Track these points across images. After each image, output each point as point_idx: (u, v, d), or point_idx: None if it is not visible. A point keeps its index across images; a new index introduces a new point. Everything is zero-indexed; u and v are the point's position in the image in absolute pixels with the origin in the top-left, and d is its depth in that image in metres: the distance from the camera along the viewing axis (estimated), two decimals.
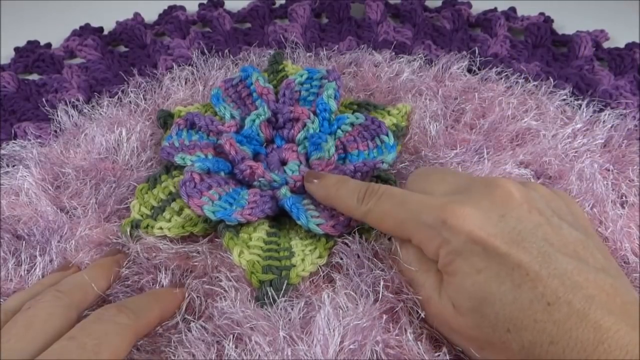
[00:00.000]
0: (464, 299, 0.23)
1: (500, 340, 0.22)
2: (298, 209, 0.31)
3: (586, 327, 0.20)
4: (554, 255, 0.22)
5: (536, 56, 0.49)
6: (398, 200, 0.27)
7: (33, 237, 0.32)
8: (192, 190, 0.31)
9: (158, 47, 0.49)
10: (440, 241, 0.24)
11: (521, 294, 0.22)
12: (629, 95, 0.43)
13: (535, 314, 0.21)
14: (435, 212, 0.24)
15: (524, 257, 0.22)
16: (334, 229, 0.30)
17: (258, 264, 0.29)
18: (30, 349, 0.22)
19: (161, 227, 0.31)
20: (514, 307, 0.22)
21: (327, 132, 0.36)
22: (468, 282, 0.23)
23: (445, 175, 0.28)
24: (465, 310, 0.23)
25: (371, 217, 0.28)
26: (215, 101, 0.39)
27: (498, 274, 0.22)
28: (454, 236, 0.24)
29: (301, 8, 0.52)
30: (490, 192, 0.25)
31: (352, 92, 0.42)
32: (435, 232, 0.24)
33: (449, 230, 0.24)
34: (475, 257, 0.23)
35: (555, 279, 0.21)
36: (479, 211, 0.24)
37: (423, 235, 0.25)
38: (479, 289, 0.23)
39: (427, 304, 0.26)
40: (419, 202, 0.26)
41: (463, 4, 0.54)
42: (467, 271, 0.23)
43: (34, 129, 0.41)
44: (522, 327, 0.21)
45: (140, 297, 0.28)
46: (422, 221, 0.25)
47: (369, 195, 0.28)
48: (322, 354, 0.24)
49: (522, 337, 0.21)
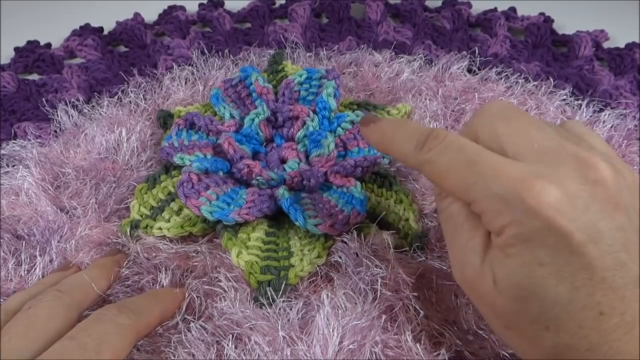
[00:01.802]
0: (512, 285, 0.21)
1: (532, 334, 0.21)
2: (296, 209, 0.31)
3: (629, 340, 0.19)
4: (625, 263, 0.20)
5: (536, 56, 0.49)
6: (468, 157, 0.22)
7: (33, 237, 0.32)
8: (190, 191, 0.31)
9: (158, 47, 0.49)
10: (511, 220, 0.21)
11: (577, 297, 0.20)
12: (629, 95, 0.43)
13: (583, 321, 0.20)
14: (513, 185, 0.21)
15: (596, 260, 0.20)
16: (333, 229, 0.30)
17: (256, 264, 0.29)
18: (30, 348, 0.22)
19: (160, 227, 0.32)
20: (565, 309, 0.20)
21: (327, 130, 0.36)
22: (524, 272, 0.21)
23: (530, 127, 0.23)
24: (508, 295, 0.21)
25: (430, 169, 0.23)
26: (214, 101, 0.39)
27: (560, 272, 0.20)
28: (530, 219, 0.20)
29: (301, 8, 0.52)
30: (582, 172, 0.21)
31: (352, 92, 0.43)
32: (508, 207, 0.21)
33: (526, 210, 0.20)
34: (544, 248, 0.20)
35: (617, 290, 0.20)
36: (565, 195, 0.20)
37: (491, 207, 0.21)
38: (533, 282, 0.21)
39: (462, 264, 0.23)
40: (495, 167, 0.21)
41: (463, 4, 0.54)
42: (527, 260, 0.21)
43: (34, 129, 0.41)
44: (563, 329, 0.20)
45: (141, 297, 0.28)
46: (494, 191, 0.21)
47: (432, 141, 0.23)
48: (322, 354, 0.24)
49: (559, 337, 0.20)
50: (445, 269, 0.29)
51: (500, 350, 0.26)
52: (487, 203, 0.21)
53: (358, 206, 0.31)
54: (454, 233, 0.24)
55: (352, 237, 0.30)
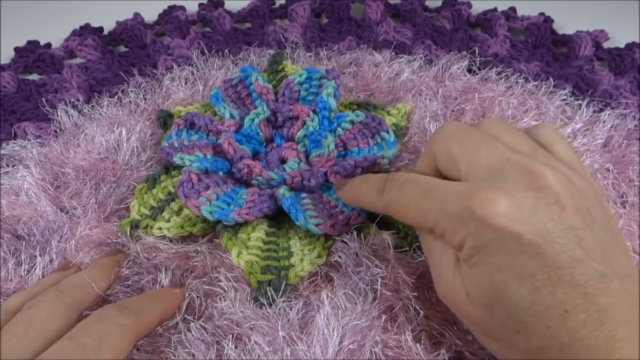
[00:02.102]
0: (479, 294, 0.22)
1: (507, 339, 0.22)
2: (296, 209, 0.31)
3: (599, 336, 0.20)
4: (581, 260, 0.21)
5: (536, 56, 0.49)
6: (421, 188, 0.24)
7: (33, 237, 0.32)
8: (190, 191, 0.31)
9: (158, 47, 0.49)
10: (465, 234, 0.22)
11: (539, 298, 0.21)
12: (629, 95, 0.43)
13: (549, 321, 0.20)
14: (462, 201, 0.22)
15: (551, 259, 0.21)
16: (333, 229, 0.30)
17: (257, 264, 0.29)
18: (30, 348, 0.22)
19: (160, 228, 0.32)
20: (529, 312, 0.21)
21: (327, 130, 0.36)
22: (486, 279, 0.22)
23: (481, 145, 0.24)
24: (478, 304, 0.22)
25: (393, 207, 0.26)
26: (214, 101, 0.39)
27: (519, 275, 0.21)
28: (482, 229, 0.22)
29: (301, 8, 0.52)
30: (527, 181, 0.22)
31: (352, 92, 0.42)
32: (462, 223, 0.22)
33: (476, 222, 0.22)
34: (499, 254, 0.21)
35: (578, 286, 0.20)
36: (511, 202, 0.22)
37: (448, 227, 0.23)
38: (495, 288, 0.21)
39: (438, 280, 0.25)
40: (445, 190, 0.23)
41: (463, 4, 0.54)
42: (487, 268, 0.22)
43: (34, 129, 0.41)
44: (533, 331, 0.21)
45: (141, 297, 0.28)
46: (447, 211, 0.23)
47: (389, 184, 0.26)
48: (322, 354, 0.24)
49: (531, 340, 0.21)
50: None
51: None
52: (443, 224, 0.23)
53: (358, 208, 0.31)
54: (430, 253, 0.25)
55: (352, 237, 0.30)
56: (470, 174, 0.24)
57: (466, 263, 0.23)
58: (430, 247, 0.25)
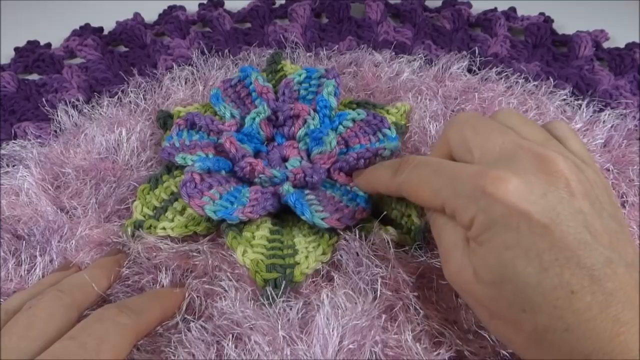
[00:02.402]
0: (486, 271, 0.22)
1: (513, 318, 0.22)
2: (302, 204, 0.31)
3: (605, 319, 0.20)
4: (589, 243, 0.21)
5: (536, 56, 0.49)
6: (433, 168, 0.25)
7: (33, 237, 0.32)
8: (193, 191, 0.31)
9: (158, 47, 0.49)
10: (476, 211, 0.23)
11: (546, 278, 0.21)
12: (629, 95, 0.43)
13: (556, 300, 0.20)
14: (473, 180, 0.23)
15: (559, 241, 0.21)
16: (339, 222, 0.30)
17: (262, 262, 0.29)
18: (30, 348, 0.22)
19: (164, 227, 0.32)
20: (536, 291, 0.21)
21: (328, 128, 0.36)
22: (493, 256, 0.22)
23: (493, 131, 0.25)
24: (485, 281, 0.22)
25: (406, 187, 0.27)
26: (214, 101, 0.39)
27: (527, 254, 0.21)
28: (492, 206, 0.22)
29: (301, 8, 0.52)
30: (539, 166, 0.23)
31: (352, 92, 0.43)
32: (472, 200, 0.23)
33: (487, 198, 0.22)
34: (508, 232, 0.22)
35: (585, 269, 0.21)
36: (522, 182, 0.22)
37: (458, 204, 0.23)
38: (503, 266, 0.22)
39: (447, 261, 0.25)
40: (456, 170, 0.24)
41: (463, 4, 0.54)
42: (495, 245, 0.22)
43: (34, 129, 0.41)
44: (539, 310, 0.21)
45: (141, 297, 0.28)
46: (458, 189, 0.23)
47: (403, 165, 0.27)
48: (322, 353, 0.24)
49: (536, 319, 0.21)
50: None
51: (501, 349, 0.26)
52: (454, 202, 0.24)
53: (362, 203, 0.31)
54: (439, 236, 0.26)
55: (354, 236, 0.30)
56: (482, 158, 0.25)
57: (475, 241, 0.23)
58: (440, 228, 0.25)
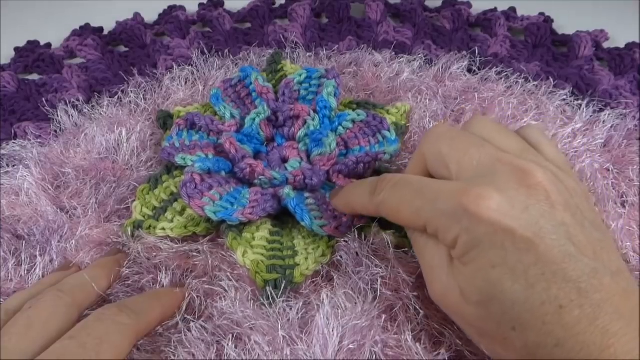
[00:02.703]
0: (473, 292, 0.22)
1: (502, 337, 0.22)
2: (302, 210, 0.31)
3: (594, 331, 0.20)
4: (574, 256, 0.21)
5: (536, 56, 0.49)
6: (413, 188, 0.25)
7: (33, 237, 0.32)
8: (193, 191, 0.31)
9: (158, 47, 0.49)
10: (459, 230, 0.22)
11: (534, 294, 0.21)
12: (629, 95, 0.43)
13: (544, 316, 0.20)
14: (455, 199, 0.22)
15: (544, 255, 0.21)
16: (337, 231, 0.30)
17: (262, 263, 0.29)
18: (30, 348, 0.22)
19: (164, 228, 0.32)
20: (524, 308, 0.21)
21: (328, 129, 0.36)
22: (480, 276, 0.22)
23: (470, 146, 0.25)
24: (473, 302, 0.22)
25: (385, 207, 0.26)
26: (214, 101, 0.39)
27: (513, 271, 0.21)
28: (475, 225, 0.22)
29: (301, 8, 0.52)
30: (518, 179, 0.23)
31: (352, 92, 0.43)
32: (454, 220, 0.22)
33: (469, 218, 0.22)
34: (493, 250, 0.22)
35: (571, 282, 0.21)
36: (503, 198, 0.22)
37: (440, 224, 0.23)
38: (490, 285, 0.22)
39: (431, 282, 0.25)
40: (437, 189, 0.24)
41: (463, 4, 0.54)
42: (481, 265, 0.22)
43: (34, 129, 0.41)
44: (528, 327, 0.21)
45: (141, 297, 0.28)
46: (439, 208, 0.23)
47: (381, 184, 0.26)
48: (322, 353, 0.24)
49: (526, 336, 0.21)
50: None
51: None
52: (436, 221, 0.23)
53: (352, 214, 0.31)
54: (422, 256, 0.25)
55: (353, 237, 0.30)
56: (460, 173, 0.24)
57: (460, 261, 0.23)
58: (422, 248, 0.25)
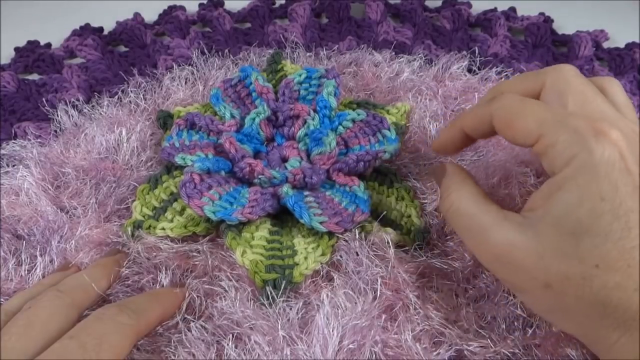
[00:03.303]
0: (571, 219, 0.22)
1: (581, 276, 0.21)
2: (301, 207, 0.31)
3: None
4: None
5: (536, 56, 0.49)
6: (538, 103, 0.25)
7: (33, 237, 0.32)
8: (192, 191, 0.31)
9: (158, 47, 0.49)
10: (581, 148, 0.22)
11: (629, 236, 0.21)
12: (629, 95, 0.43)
13: (632, 259, 0.21)
14: (584, 121, 0.22)
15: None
16: (338, 226, 0.30)
17: (261, 263, 0.29)
18: (30, 348, 0.22)
19: (163, 228, 0.32)
20: (615, 246, 0.21)
21: (328, 128, 0.36)
22: (586, 205, 0.21)
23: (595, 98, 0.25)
24: (564, 231, 0.22)
25: (503, 112, 0.25)
26: (214, 101, 0.39)
27: (617, 210, 0.21)
28: (600, 149, 0.22)
29: (301, 8, 0.52)
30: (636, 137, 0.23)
31: (352, 92, 0.43)
32: (580, 138, 0.22)
33: (600, 142, 0.22)
34: (607, 182, 0.21)
35: None
36: (629, 144, 0.22)
37: (563, 138, 0.22)
38: (593, 216, 0.21)
39: (492, 247, 0.24)
40: (563, 110, 0.24)
41: (463, 4, 0.54)
42: (590, 192, 0.21)
43: (34, 129, 0.41)
44: (614, 267, 0.21)
45: (141, 297, 0.28)
46: (569, 123, 0.23)
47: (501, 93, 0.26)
48: (322, 353, 0.24)
49: (609, 276, 0.21)
50: (446, 268, 0.29)
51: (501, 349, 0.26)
52: (561, 134, 0.23)
53: (362, 205, 0.31)
54: (471, 222, 0.25)
55: (353, 236, 0.30)
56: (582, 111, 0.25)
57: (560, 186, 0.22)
58: (469, 219, 0.25)
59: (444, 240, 0.31)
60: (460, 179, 0.27)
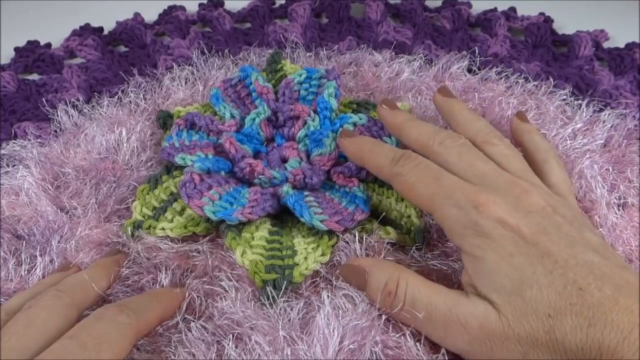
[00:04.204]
0: (503, 282, 0.23)
1: (544, 330, 0.22)
2: (301, 206, 0.31)
3: (619, 311, 0.21)
4: (579, 248, 0.23)
5: (536, 56, 0.49)
6: (434, 174, 0.27)
7: (33, 237, 0.32)
8: (192, 191, 0.31)
9: (158, 47, 0.49)
10: (468, 221, 0.25)
11: (554, 279, 0.22)
12: (629, 95, 0.43)
13: (570, 298, 0.22)
14: (468, 195, 0.25)
15: (552, 246, 0.23)
16: (338, 225, 0.30)
17: (261, 263, 0.29)
18: (30, 348, 0.22)
19: (163, 228, 0.31)
20: (551, 291, 0.22)
21: (328, 129, 0.36)
22: (504, 265, 0.23)
23: (477, 158, 0.28)
24: (505, 293, 0.23)
25: (401, 180, 0.28)
26: (214, 101, 0.39)
27: (530, 261, 0.23)
28: (484, 219, 0.24)
29: (301, 8, 0.52)
30: (517, 192, 0.26)
31: (352, 92, 0.43)
32: (464, 212, 0.25)
33: (479, 213, 0.24)
34: (505, 241, 0.24)
35: (584, 267, 0.22)
36: (508, 203, 0.25)
37: (451, 213, 0.25)
38: (515, 272, 0.23)
39: (458, 327, 0.24)
40: (454, 182, 0.26)
41: (463, 4, 0.54)
42: (500, 254, 0.24)
43: (34, 129, 0.41)
44: (561, 310, 0.22)
45: (141, 297, 0.28)
46: (453, 199, 0.25)
47: (405, 159, 0.28)
48: (322, 353, 0.24)
49: (563, 322, 0.22)
50: (445, 269, 0.29)
51: None
52: (448, 209, 0.26)
53: (361, 204, 0.31)
54: (428, 307, 0.25)
55: (353, 237, 0.30)
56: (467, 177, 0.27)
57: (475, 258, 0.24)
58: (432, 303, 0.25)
59: (444, 240, 0.31)
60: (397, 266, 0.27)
